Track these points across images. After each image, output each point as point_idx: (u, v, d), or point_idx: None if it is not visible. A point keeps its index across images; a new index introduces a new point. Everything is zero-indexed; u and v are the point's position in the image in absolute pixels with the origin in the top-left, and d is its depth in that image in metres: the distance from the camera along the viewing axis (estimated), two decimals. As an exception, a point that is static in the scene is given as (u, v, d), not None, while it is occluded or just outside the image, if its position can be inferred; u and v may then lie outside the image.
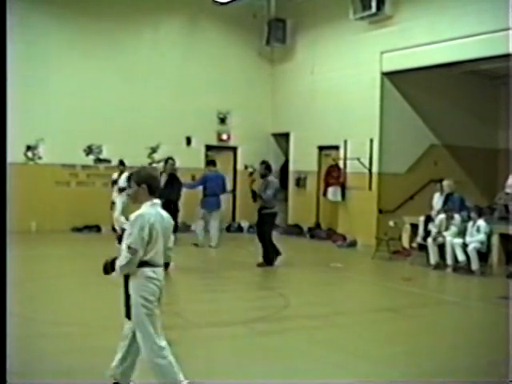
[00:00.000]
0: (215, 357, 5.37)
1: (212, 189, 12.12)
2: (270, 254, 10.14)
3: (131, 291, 4.03)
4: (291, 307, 7.41)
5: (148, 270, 4.01)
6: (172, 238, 4.30)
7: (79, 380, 4.67)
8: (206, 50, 15.67)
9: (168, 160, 10.89)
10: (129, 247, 3.94)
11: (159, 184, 4.32)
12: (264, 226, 10.23)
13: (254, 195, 10.32)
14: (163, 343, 4.06)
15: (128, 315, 4.08)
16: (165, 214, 4.17)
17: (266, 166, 10.46)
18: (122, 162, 12.84)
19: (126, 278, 4.06)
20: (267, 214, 10.19)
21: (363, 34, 13.63)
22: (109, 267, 4.08)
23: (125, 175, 11.79)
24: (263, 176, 10.35)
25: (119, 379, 4.20)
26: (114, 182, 12.65)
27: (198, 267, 10.36)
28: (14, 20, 12.13)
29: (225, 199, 13.14)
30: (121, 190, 12.04)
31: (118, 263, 3.99)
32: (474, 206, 10.69)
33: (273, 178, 10.54)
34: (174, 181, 10.58)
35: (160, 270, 4.10)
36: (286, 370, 5.02)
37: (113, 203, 12.44)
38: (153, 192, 4.11)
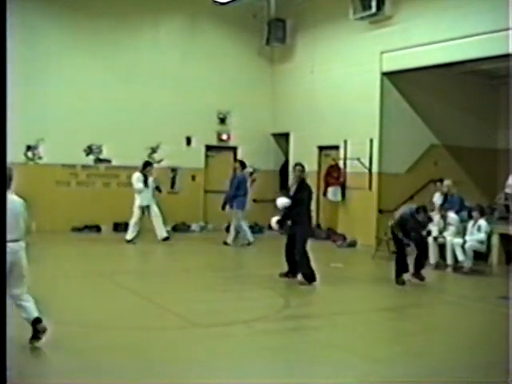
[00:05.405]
0: (215, 357, 5.37)
1: (244, 189, 12.80)
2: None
3: None
4: (291, 307, 7.41)
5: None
6: None
7: (79, 380, 4.67)
8: (205, 50, 15.66)
9: (297, 166, 9.30)
10: None
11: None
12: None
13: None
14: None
15: None
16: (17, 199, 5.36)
17: None
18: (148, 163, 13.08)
19: None
20: None
21: (363, 33, 13.62)
22: None
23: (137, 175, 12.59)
24: None
25: None
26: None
27: (197, 266, 10.39)
28: (14, 20, 12.12)
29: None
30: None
31: None
32: (476, 205, 10.68)
33: None
34: (302, 189, 9.18)
35: (11, 245, 5.08)
36: (287, 370, 5.02)
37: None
38: (10, 185, 5.37)
